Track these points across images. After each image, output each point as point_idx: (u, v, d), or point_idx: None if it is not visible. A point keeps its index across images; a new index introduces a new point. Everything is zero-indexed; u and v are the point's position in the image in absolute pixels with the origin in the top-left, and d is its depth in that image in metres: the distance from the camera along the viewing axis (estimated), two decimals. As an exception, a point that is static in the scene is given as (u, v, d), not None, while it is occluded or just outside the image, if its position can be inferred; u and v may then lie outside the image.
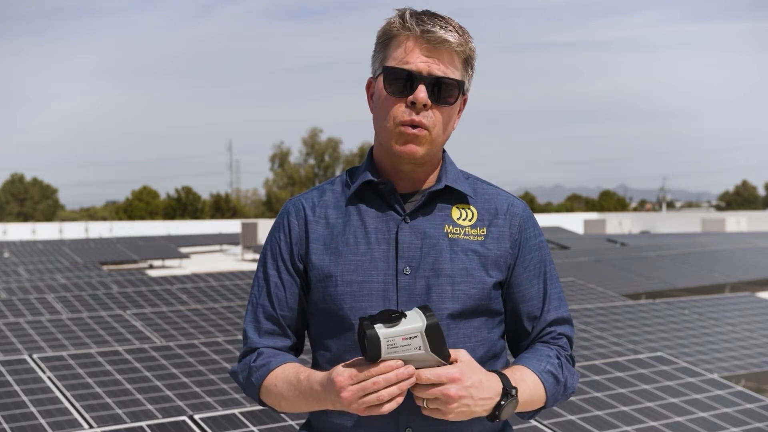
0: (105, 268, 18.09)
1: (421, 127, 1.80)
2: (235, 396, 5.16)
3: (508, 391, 1.73)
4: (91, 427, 4.52)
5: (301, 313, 1.92)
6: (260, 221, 27.96)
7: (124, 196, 70.78)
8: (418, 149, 1.81)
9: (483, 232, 1.87)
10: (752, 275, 15.18)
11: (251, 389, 1.89)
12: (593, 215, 48.33)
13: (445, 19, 1.81)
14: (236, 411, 4.05)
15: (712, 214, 48.65)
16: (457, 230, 1.86)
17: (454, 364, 1.69)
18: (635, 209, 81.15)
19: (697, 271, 14.84)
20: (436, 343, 1.64)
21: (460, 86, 1.83)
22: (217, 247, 30.91)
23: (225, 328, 7.76)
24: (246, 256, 25.91)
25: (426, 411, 1.70)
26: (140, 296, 9.76)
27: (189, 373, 5.47)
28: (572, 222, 41.25)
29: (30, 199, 66.69)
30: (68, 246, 23.36)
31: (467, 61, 1.84)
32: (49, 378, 5.17)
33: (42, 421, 4.56)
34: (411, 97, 1.79)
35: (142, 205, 65.31)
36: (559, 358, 1.89)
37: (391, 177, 1.88)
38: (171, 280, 12.40)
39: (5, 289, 11.16)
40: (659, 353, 5.32)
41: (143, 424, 3.87)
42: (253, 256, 25.40)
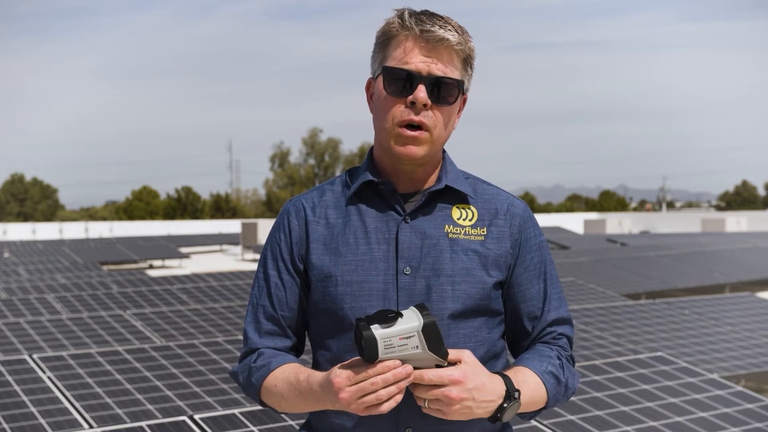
0: (105, 268, 18.08)
1: (423, 127, 1.79)
2: (235, 396, 5.16)
3: (510, 394, 1.72)
4: (91, 427, 4.52)
5: (302, 314, 1.92)
6: (260, 221, 27.96)
7: (124, 196, 70.89)
8: (418, 150, 1.80)
9: (483, 232, 1.87)
10: (752, 275, 15.18)
11: (251, 390, 1.88)
12: (593, 215, 48.33)
13: (444, 19, 1.81)
14: (236, 411, 4.05)
15: (712, 214, 48.64)
16: (457, 230, 1.85)
17: (457, 365, 1.68)
18: (635, 209, 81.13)
19: (697, 271, 14.84)
20: (434, 341, 1.63)
21: (460, 86, 1.82)
22: (217, 247, 30.91)
23: (225, 328, 7.76)
24: (246, 256, 25.91)
25: (427, 410, 1.70)
26: (140, 296, 9.76)
27: (189, 373, 5.46)
28: (572, 222, 41.24)
29: (30, 199, 66.69)
30: (68, 246, 23.36)
31: (467, 61, 1.84)
32: (49, 378, 5.16)
33: (42, 421, 4.56)
34: (411, 97, 1.78)
35: (142, 205, 65.31)
36: (560, 358, 1.89)
37: (391, 177, 1.88)
38: (171, 280, 12.40)
39: (5, 289, 11.16)
40: (659, 353, 5.31)
41: (143, 424, 3.87)
42: (253, 256, 25.40)
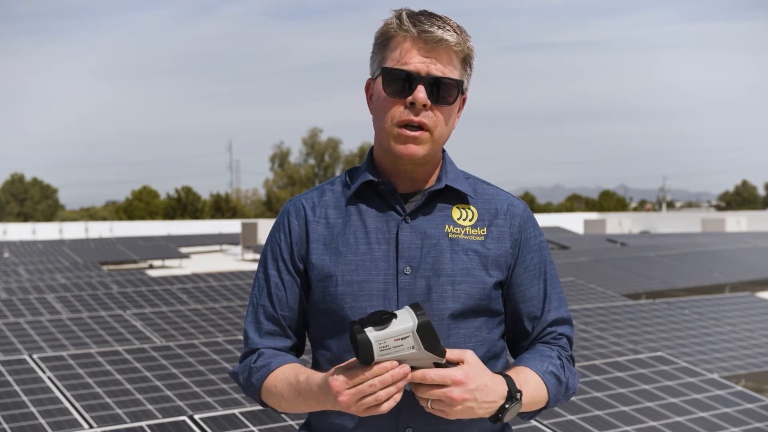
0: (105, 268, 18.08)
1: (423, 127, 1.79)
2: (235, 396, 5.16)
3: (512, 395, 1.72)
4: (91, 427, 4.52)
5: (302, 314, 1.92)
6: (260, 221, 27.96)
7: (124, 196, 70.89)
8: (419, 149, 1.80)
9: (483, 232, 1.87)
10: (752, 275, 15.18)
11: (252, 390, 1.88)
12: (593, 215, 48.33)
13: (443, 19, 1.81)
14: (236, 411, 4.05)
15: (712, 214, 48.64)
16: (457, 230, 1.85)
17: (459, 365, 1.68)
18: (635, 209, 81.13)
19: (697, 271, 14.84)
20: (429, 341, 1.62)
21: (459, 86, 1.82)
22: (217, 247, 30.91)
23: (225, 328, 7.76)
24: (246, 256, 25.90)
25: (429, 410, 1.69)
26: (140, 296, 9.76)
27: (189, 373, 5.46)
28: (572, 222, 41.24)
29: (30, 199, 66.69)
30: (68, 246, 23.36)
31: (466, 61, 1.84)
32: (49, 378, 5.16)
33: (42, 421, 4.56)
34: (410, 98, 1.78)
35: (142, 205, 65.31)
36: (560, 358, 1.89)
37: (391, 177, 1.88)
38: (171, 280, 12.40)
39: (5, 289, 11.16)
40: (659, 353, 5.31)
41: (143, 424, 3.87)
42: (253, 256, 25.40)
